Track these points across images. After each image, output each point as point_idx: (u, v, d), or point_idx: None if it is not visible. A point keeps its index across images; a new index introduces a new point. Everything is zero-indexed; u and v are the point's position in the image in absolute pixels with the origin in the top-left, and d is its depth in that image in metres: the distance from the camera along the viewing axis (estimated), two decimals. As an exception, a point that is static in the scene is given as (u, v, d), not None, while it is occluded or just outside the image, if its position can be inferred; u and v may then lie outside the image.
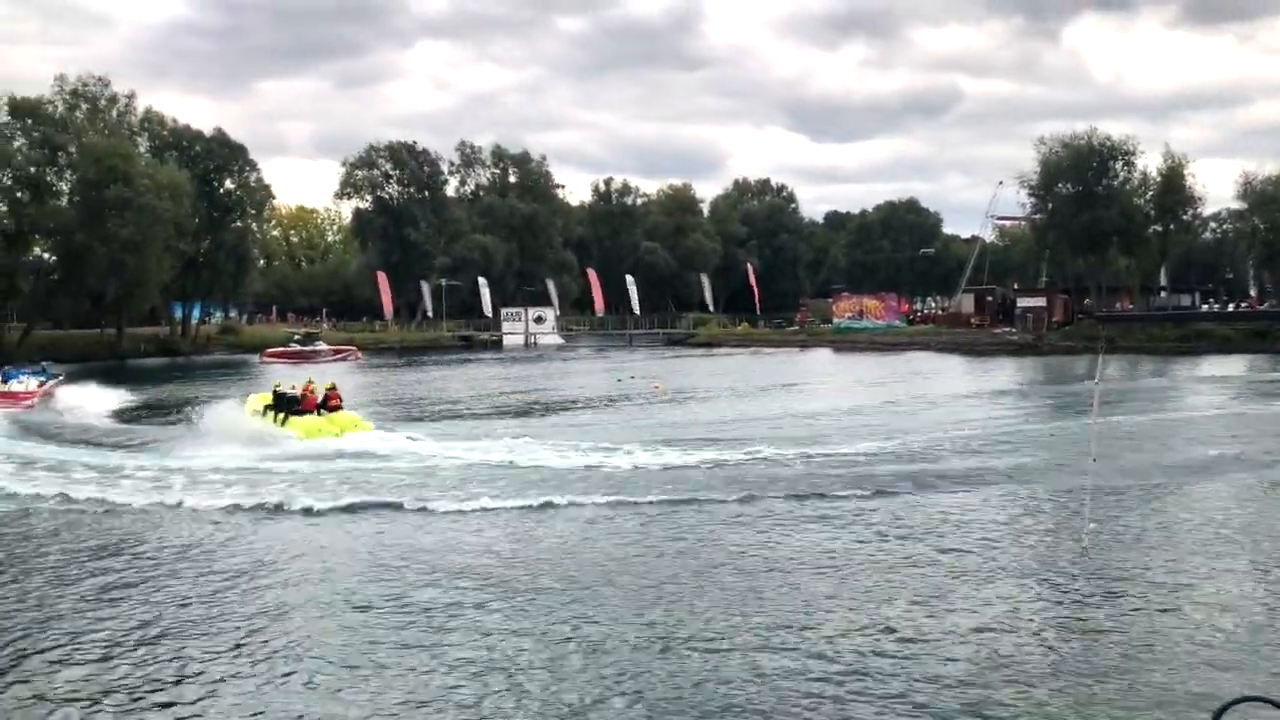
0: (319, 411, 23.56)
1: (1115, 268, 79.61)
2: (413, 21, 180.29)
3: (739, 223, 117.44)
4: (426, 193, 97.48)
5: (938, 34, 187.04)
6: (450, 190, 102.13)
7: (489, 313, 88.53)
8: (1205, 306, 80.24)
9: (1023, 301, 74.88)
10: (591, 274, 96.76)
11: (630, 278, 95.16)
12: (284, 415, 23.40)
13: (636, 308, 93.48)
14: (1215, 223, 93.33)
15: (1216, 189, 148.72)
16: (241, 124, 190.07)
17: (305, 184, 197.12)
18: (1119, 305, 78.05)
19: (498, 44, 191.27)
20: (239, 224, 78.54)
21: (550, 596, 11.36)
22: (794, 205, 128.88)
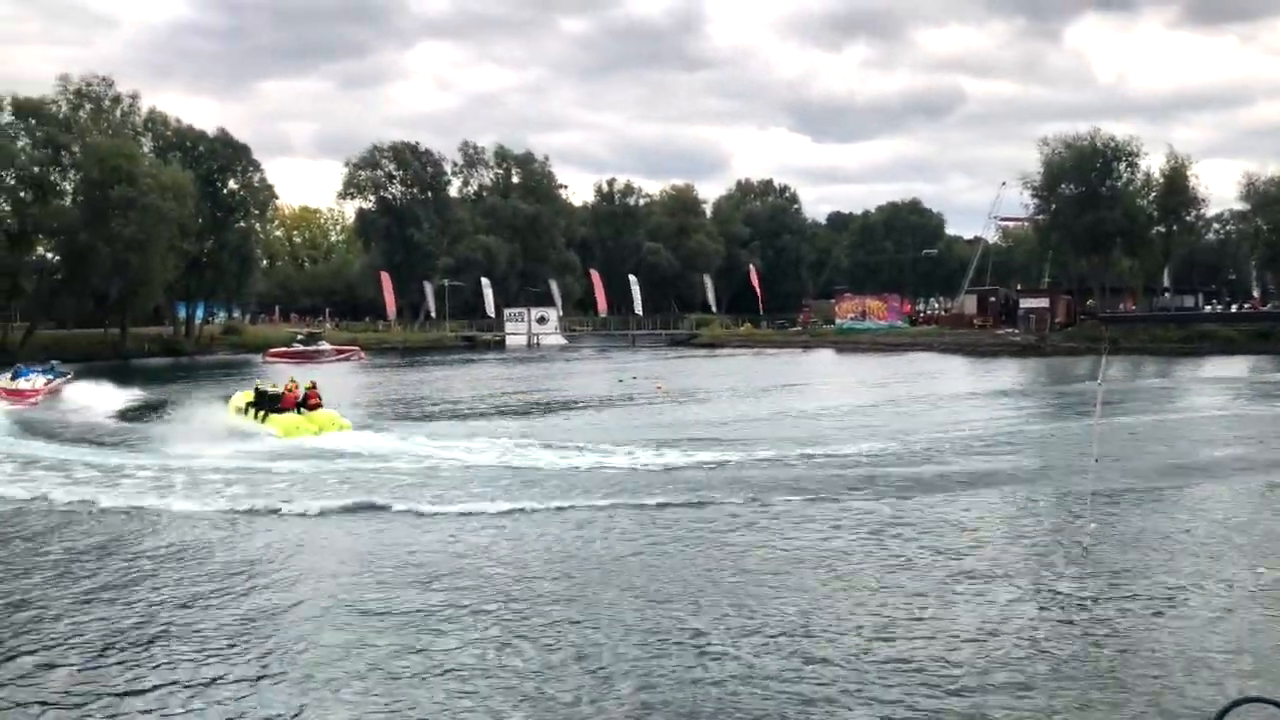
0: (299, 410, 24.17)
1: (1118, 269, 79.55)
2: (414, 22, 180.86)
3: (742, 223, 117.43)
4: (429, 193, 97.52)
5: (939, 34, 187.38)
6: (453, 191, 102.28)
7: (492, 313, 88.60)
8: (1208, 307, 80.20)
9: (1025, 302, 74.82)
10: (594, 274, 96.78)
11: (633, 278, 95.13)
12: (264, 413, 24.17)
13: (639, 308, 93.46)
14: (1218, 224, 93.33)
15: (1219, 190, 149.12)
16: (245, 124, 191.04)
17: (308, 184, 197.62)
18: (1122, 306, 77.96)
19: (500, 44, 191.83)
20: (242, 224, 78.66)
21: (548, 598, 11.33)
22: (797, 206, 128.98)
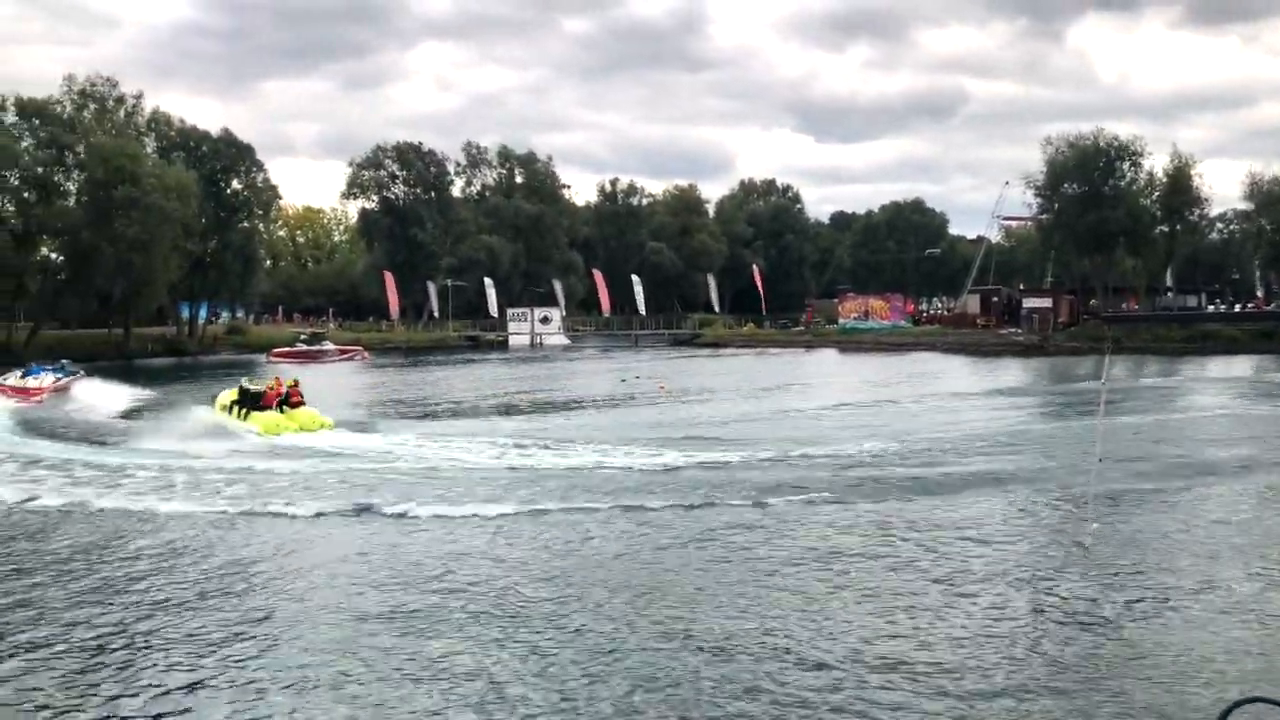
0: (281, 408, 24.66)
1: (1121, 268, 79.52)
2: (416, 22, 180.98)
3: (744, 223, 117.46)
4: (433, 193, 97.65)
5: (942, 35, 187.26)
6: (456, 191, 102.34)
7: (495, 313, 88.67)
8: (1211, 307, 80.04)
9: (1028, 302, 74.83)
10: (597, 274, 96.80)
11: (636, 278, 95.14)
12: (247, 410, 24.71)
13: (642, 308, 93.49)
14: (1221, 223, 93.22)
15: (1222, 189, 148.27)
16: (248, 124, 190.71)
17: (311, 184, 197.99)
18: (1125, 306, 77.86)
19: (502, 45, 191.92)
20: (246, 224, 78.74)
21: (546, 599, 11.29)
22: (799, 206, 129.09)
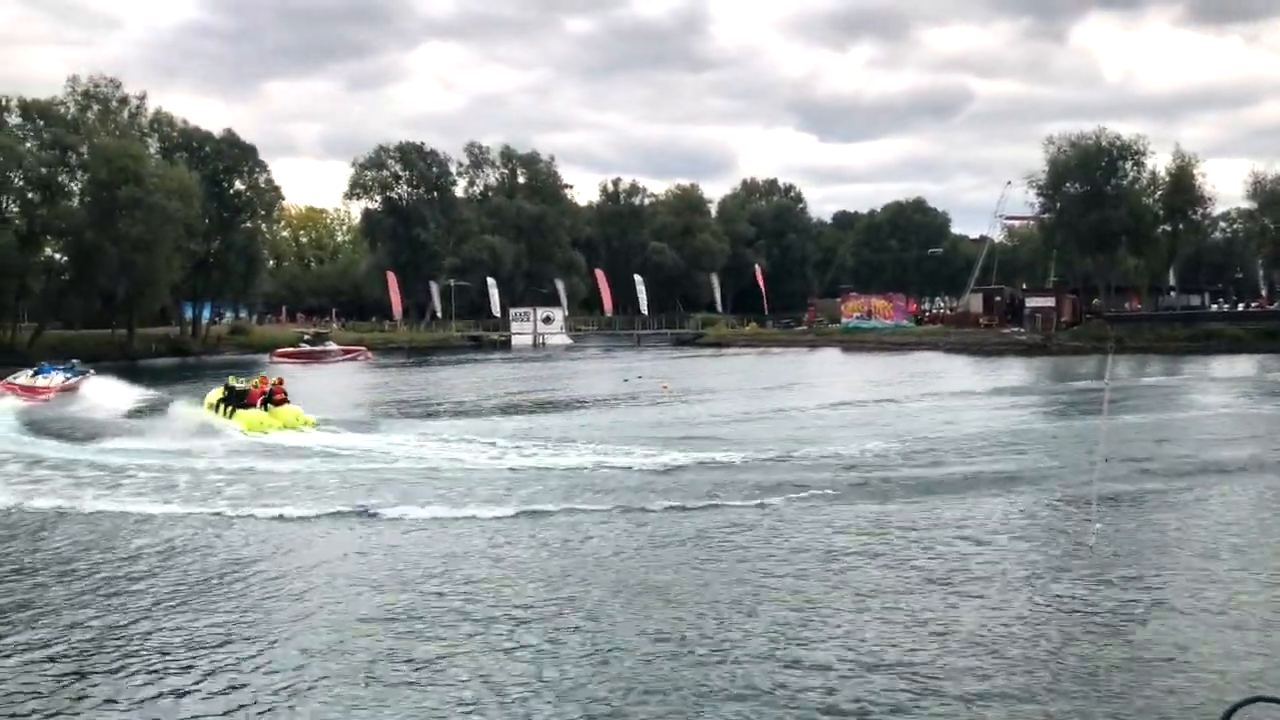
0: (266, 406, 25.15)
1: (1124, 267, 79.40)
2: (418, 22, 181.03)
3: (747, 223, 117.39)
4: (435, 193, 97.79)
5: (945, 34, 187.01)
6: (459, 191, 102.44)
7: (497, 313, 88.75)
8: (1215, 306, 79.98)
9: (1031, 301, 74.79)
10: (599, 274, 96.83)
11: (638, 278, 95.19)
12: (231, 409, 25.24)
13: (644, 308, 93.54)
14: (1224, 222, 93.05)
15: (1225, 188, 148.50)
16: (251, 125, 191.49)
17: (314, 185, 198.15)
18: (1128, 305, 77.80)
19: (504, 45, 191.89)
20: (249, 224, 78.90)
21: (545, 601, 11.28)
22: (802, 205, 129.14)
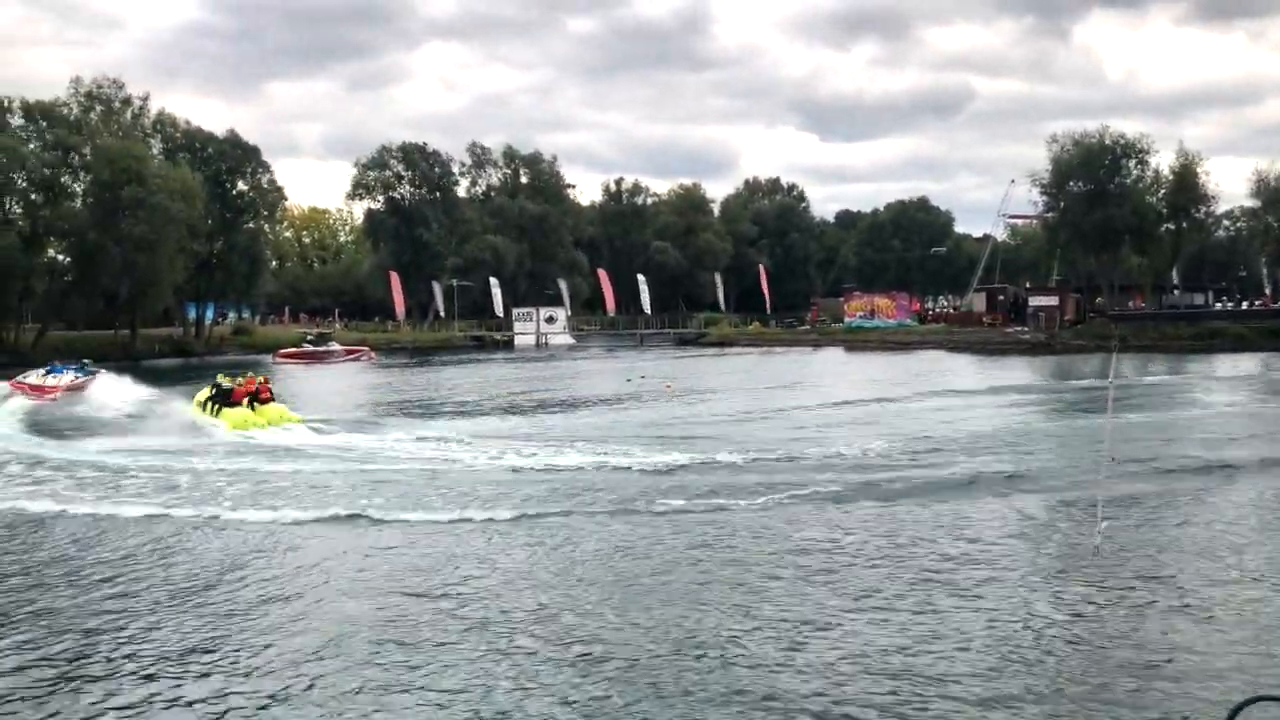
0: (252, 405, 25.40)
1: (1127, 266, 79.22)
2: (421, 23, 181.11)
3: (750, 222, 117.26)
4: (438, 193, 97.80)
5: (948, 33, 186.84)
6: (461, 191, 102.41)
7: (500, 313, 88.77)
8: (1219, 305, 79.81)
9: (1035, 300, 74.69)
10: (602, 274, 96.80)
11: (641, 277, 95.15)
12: (218, 407, 25.58)
13: (647, 307, 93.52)
14: (1228, 221, 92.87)
15: (1229, 187, 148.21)
16: (253, 125, 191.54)
17: (317, 185, 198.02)
18: (1131, 304, 77.68)
19: (507, 45, 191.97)
20: (252, 225, 78.87)
21: (544, 602, 11.21)
22: (805, 204, 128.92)
